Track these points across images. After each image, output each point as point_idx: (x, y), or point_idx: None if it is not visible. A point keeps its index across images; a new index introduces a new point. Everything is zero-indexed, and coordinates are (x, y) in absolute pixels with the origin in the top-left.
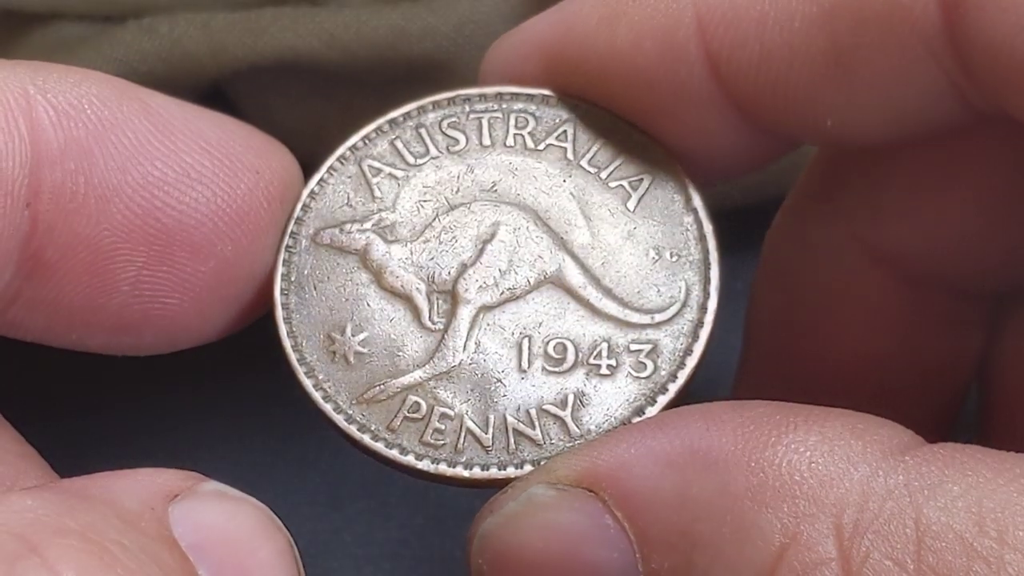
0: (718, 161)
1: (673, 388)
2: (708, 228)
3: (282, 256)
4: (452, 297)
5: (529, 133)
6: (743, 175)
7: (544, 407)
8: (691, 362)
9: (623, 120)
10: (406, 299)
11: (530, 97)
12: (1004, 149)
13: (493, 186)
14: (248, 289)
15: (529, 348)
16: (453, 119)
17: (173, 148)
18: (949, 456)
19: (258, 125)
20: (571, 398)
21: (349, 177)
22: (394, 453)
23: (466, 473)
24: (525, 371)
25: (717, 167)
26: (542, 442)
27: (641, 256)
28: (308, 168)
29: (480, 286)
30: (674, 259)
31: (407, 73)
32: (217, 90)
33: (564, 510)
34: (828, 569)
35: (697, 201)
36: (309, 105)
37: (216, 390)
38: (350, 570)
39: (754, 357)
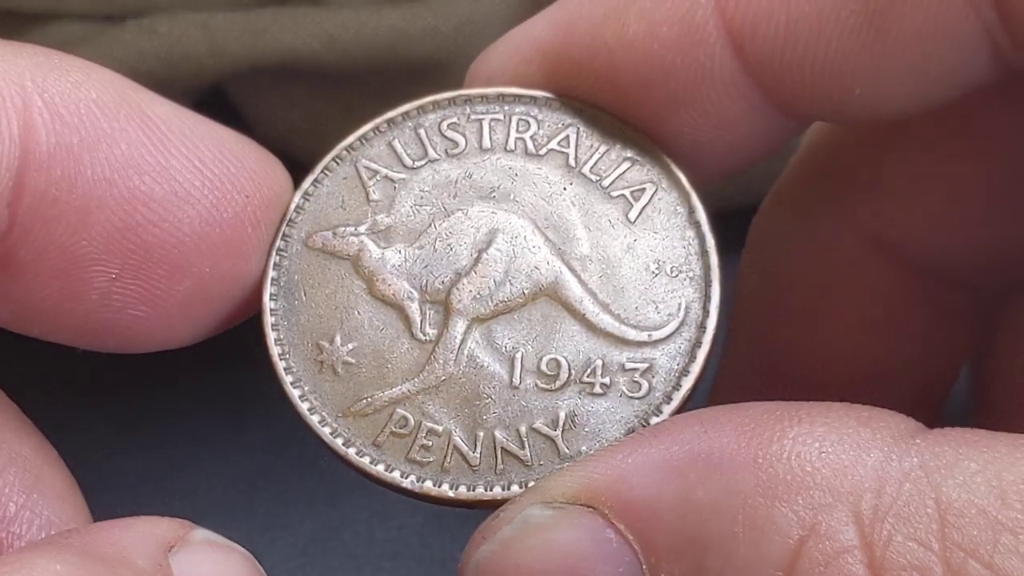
0: (731, 152)
1: (667, 410)
2: (711, 243)
3: (272, 259)
4: (445, 307)
5: (531, 137)
6: (751, 166)
7: (534, 426)
8: (687, 383)
9: (628, 126)
10: (397, 308)
11: (532, 99)
12: (1013, 133)
13: (492, 192)
14: (225, 304)
15: (521, 363)
16: (453, 120)
17: (165, 164)
18: (960, 436)
19: (258, 126)
20: (562, 417)
21: (344, 178)
22: (379, 469)
23: (451, 493)
24: (516, 387)
25: (729, 159)
26: (531, 463)
27: (641, 270)
28: (306, 169)
29: (474, 296)
30: (674, 274)
31: (407, 74)
32: (217, 90)
33: (563, 528)
34: (851, 556)
35: (700, 214)
36: (309, 106)
37: (215, 388)
38: (350, 569)
39: (739, 344)
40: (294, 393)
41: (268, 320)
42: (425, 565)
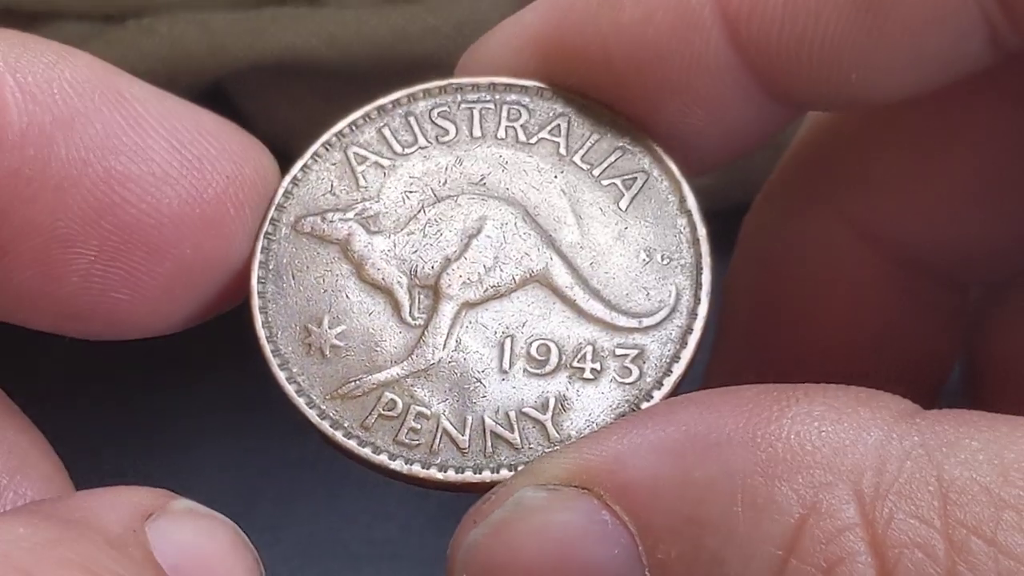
0: (723, 141)
1: (658, 395)
2: (702, 231)
3: (260, 243)
4: (434, 292)
5: (521, 126)
6: (742, 156)
7: (524, 410)
8: (678, 369)
9: (620, 116)
10: (387, 292)
11: (524, 89)
12: (1004, 127)
13: (482, 179)
14: (209, 288)
15: (511, 348)
16: (443, 108)
17: (141, 144)
18: (960, 416)
19: (258, 124)
20: (552, 402)
21: (333, 164)
22: (367, 452)
23: (440, 475)
24: (506, 372)
25: (721, 149)
26: (520, 446)
27: (631, 257)
28: None
29: (464, 282)
30: (665, 262)
31: (407, 73)
32: (217, 89)
33: (557, 511)
34: (852, 534)
35: (691, 202)
36: (309, 105)
37: (215, 389)
38: (349, 570)
39: (730, 340)
40: (281, 375)
41: (256, 303)
42: (425, 566)
